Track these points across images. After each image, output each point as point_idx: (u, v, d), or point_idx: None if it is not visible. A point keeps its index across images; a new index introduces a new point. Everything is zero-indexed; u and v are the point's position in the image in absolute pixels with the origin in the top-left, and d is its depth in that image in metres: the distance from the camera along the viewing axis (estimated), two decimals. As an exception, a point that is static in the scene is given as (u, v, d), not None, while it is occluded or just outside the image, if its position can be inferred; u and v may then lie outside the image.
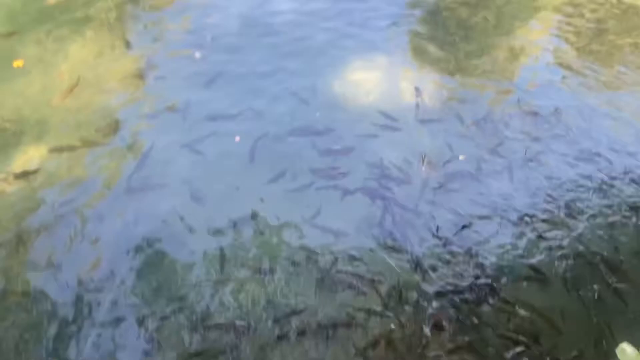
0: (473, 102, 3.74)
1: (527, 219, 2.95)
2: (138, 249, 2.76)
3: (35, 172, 3.13)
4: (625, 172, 3.25)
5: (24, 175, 3.12)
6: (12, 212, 2.93)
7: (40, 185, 3.08)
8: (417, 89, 3.77)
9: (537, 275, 2.69)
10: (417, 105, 3.65)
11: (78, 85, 3.69)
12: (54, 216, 2.90)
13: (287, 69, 3.93)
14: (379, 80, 3.90)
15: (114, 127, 3.44)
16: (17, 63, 3.91)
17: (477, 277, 2.67)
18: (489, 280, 2.66)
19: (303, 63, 4.00)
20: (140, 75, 3.85)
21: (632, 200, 3.09)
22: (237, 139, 3.32)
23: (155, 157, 3.24)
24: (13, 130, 3.42)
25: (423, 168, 3.21)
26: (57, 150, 3.26)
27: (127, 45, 4.12)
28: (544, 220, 2.94)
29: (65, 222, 2.86)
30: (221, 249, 2.75)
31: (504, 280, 2.67)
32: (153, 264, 2.70)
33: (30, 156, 3.24)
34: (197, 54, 4.05)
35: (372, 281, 2.64)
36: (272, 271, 2.67)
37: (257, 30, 4.33)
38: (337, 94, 3.73)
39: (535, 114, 3.62)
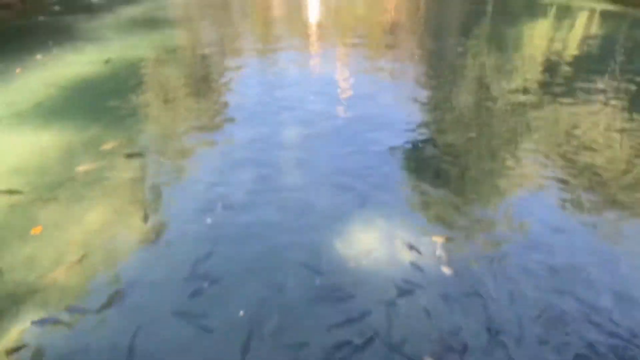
0: (476, 259, 3.83)
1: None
2: None
3: (24, 347, 3.06)
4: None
5: (16, 350, 3.03)
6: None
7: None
8: (415, 249, 3.90)
9: None
10: (416, 267, 3.73)
11: (83, 260, 3.79)
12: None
13: (291, 234, 4.13)
14: (379, 240, 4.04)
15: (113, 299, 3.43)
16: (35, 230, 4.09)
17: None
18: None
19: (306, 229, 4.21)
20: (150, 242, 4.00)
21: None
22: (242, 313, 3.29)
23: (154, 332, 3.16)
24: (11, 300, 3.42)
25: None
26: (49, 323, 3.22)
27: (145, 216, 4.36)
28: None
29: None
30: None
31: None
32: None
33: (24, 329, 3.19)
34: (208, 220, 4.29)
35: None
36: None
37: (267, 196, 4.68)
38: (337, 258, 3.83)
39: (536, 269, 3.69)
